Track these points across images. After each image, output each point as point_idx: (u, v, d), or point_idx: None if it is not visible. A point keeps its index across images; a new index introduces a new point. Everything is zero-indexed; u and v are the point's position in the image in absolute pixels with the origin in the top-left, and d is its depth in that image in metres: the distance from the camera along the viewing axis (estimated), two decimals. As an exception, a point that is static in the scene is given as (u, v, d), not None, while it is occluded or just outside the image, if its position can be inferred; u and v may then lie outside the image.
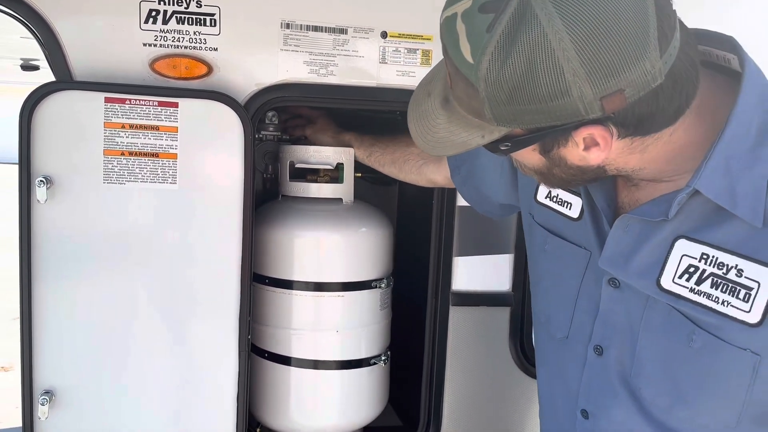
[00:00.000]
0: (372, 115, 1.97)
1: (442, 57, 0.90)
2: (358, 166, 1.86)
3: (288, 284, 1.75)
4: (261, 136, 1.99)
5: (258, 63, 1.60)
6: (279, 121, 2.00)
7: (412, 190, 2.12)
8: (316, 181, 1.84)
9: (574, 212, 1.18)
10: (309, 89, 1.64)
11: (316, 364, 1.76)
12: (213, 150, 1.56)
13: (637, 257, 1.02)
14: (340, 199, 1.82)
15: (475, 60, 0.81)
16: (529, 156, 0.98)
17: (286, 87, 1.62)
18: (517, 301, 1.82)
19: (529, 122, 0.85)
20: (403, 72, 1.68)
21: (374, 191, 2.18)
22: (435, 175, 1.63)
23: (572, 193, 1.18)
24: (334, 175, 1.84)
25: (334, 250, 1.77)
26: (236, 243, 1.59)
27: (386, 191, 2.20)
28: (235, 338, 1.61)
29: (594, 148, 0.90)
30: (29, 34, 1.54)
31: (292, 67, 1.62)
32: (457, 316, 1.81)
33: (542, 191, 1.26)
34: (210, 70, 1.57)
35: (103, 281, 1.54)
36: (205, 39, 1.56)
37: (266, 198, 1.96)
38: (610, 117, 0.85)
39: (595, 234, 1.12)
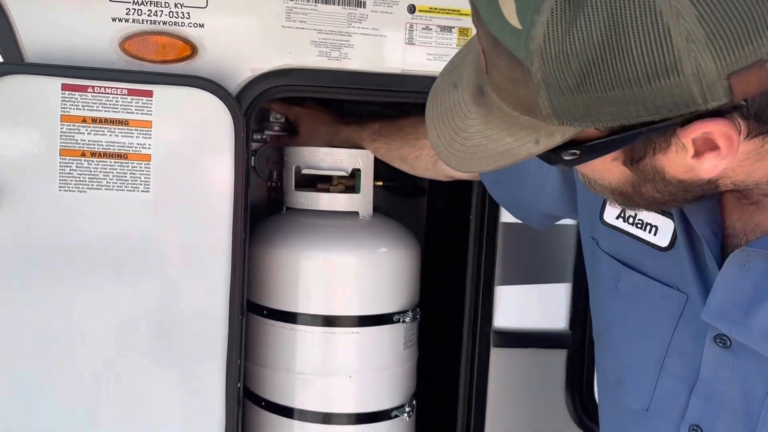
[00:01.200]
0: (392, 109, 1.64)
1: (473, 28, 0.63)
2: (379, 171, 1.54)
3: (291, 317, 1.43)
4: (264, 136, 1.69)
5: (254, 43, 1.29)
6: (287, 119, 1.69)
7: (443, 201, 1.79)
8: (327, 191, 1.52)
9: (662, 239, 0.87)
10: (317, 76, 1.32)
11: (326, 418, 1.43)
12: (196, 150, 1.25)
13: (762, 309, 0.74)
14: (356, 213, 1.50)
15: (525, 24, 0.55)
16: (607, 168, 0.68)
17: (288, 73, 1.31)
18: (576, 342, 1.46)
19: (610, 118, 0.56)
20: (434, 55, 1.36)
21: (398, 203, 1.85)
22: (456, 173, 1.31)
23: (660, 213, 0.85)
24: (350, 183, 1.52)
25: (347, 275, 1.44)
26: (224, 266, 1.27)
27: (412, 203, 1.87)
28: (221, 384, 1.29)
29: (710, 154, 0.61)
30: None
31: (296, 49, 1.30)
32: (499, 359, 1.46)
33: (612, 209, 0.93)
34: (194, 51, 1.27)
35: (56, 311, 1.23)
36: (188, 12, 1.26)
37: (271, 211, 1.65)
38: (740, 106, 0.57)
39: (695, 271, 0.82)
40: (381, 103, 1.69)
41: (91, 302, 1.24)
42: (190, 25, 1.26)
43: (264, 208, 1.75)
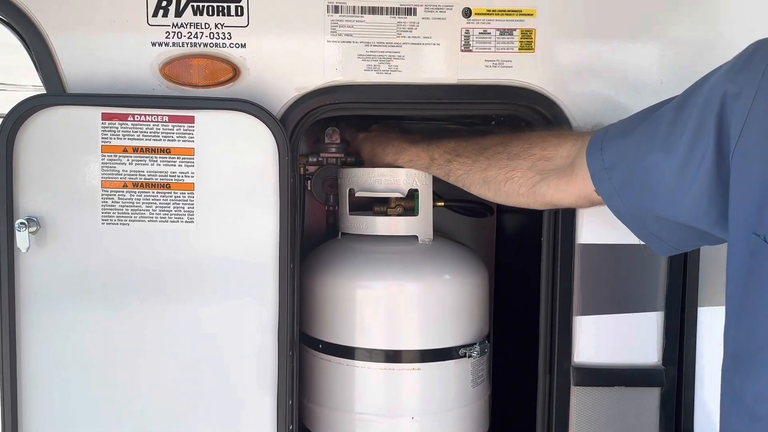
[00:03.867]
0: (450, 124, 1.52)
1: None
2: (440, 190, 1.41)
3: (347, 352, 1.32)
4: (320, 159, 1.61)
5: (298, 61, 1.21)
6: (342, 140, 1.60)
7: (515, 221, 1.63)
8: (385, 214, 1.41)
9: None
10: (367, 92, 1.22)
11: (387, 462, 1.31)
12: (240, 177, 1.18)
13: None
14: (416, 237, 1.38)
15: None
16: None
17: (335, 91, 1.22)
18: (671, 379, 1.27)
19: None
20: (494, 62, 1.23)
21: (465, 224, 1.72)
22: (560, 194, 1.11)
23: None
24: (409, 204, 1.40)
25: (406, 305, 1.32)
26: (271, 298, 1.18)
27: (479, 224, 1.73)
28: (272, 425, 1.20)
29: None
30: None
31: (343, 64, 1.21)
32: (581, 399, 1.28)
33: None
34: (236, 73, 1.20)
35: (102, 349, 1.18)
36: (229, 33, 1.20)
37: (330, 237, 1.55)
38: None
39: None
40: (459, 117, 1.57)
41: (141, 341, 1.19)
42: (231, 45, 1.20)
43: (322, 234, 1.66)
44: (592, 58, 1.24)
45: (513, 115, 1.29)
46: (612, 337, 1.27)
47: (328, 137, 1.59)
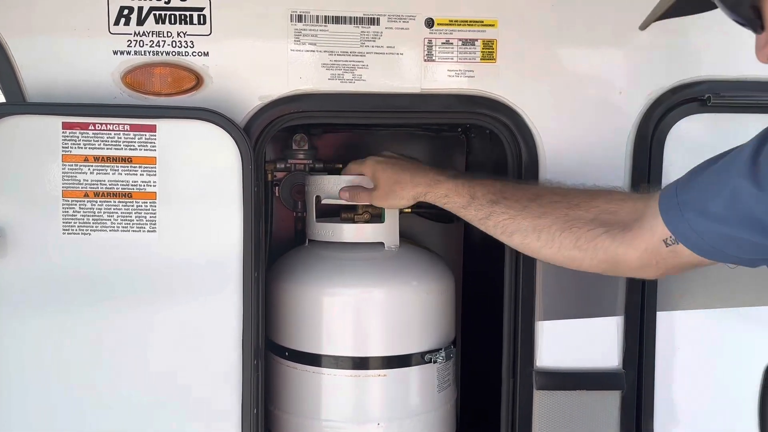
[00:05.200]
0: (414, 132, 1.54)
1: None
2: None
3: (313, 359, 1.32)
4: (288, 165, 1.61)
5: (262, 69, 1.21)
6: (310, 146, 1.60)
7: (480, 228, 1.65)
8: (352, 221, 1.42)
9: None
10: (331, 101, 1.23)
11: (353, 470, 1.31)
12: (202, 186, 1.18)
13: None
14: (383, 244, 1.39)
15: None
16: None
17: (299, 99, 1.22)
18: (631, 382, 1.29)
19: None
20: (457, 71, 1.24)
21: (432, 231, 1.73)
22: (624, 247, 1.00)
23: None
24: (377, 211, 1.41)
25: (371, 312, 1.33)
26: (236, 309, 1.18)
27: (448, 231, 1.74)
28: (238, 434, 1.20)
29: None
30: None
31: (306, 73, 1.22)
32: (544, 402, 1.31)
33: None
34: (199, 81, 1.20)
35: (61, 358, 1.18)
36: (192, 41, 1.20)
37: (299, 243, 1.56)
38: None
39: None
40: (424, 125, 1.56)
41: (102, 350, 1.18)
42: (194, 54, 1.20)
43: (291, 240, 1.66)
44: (554, 68, 1.26)
45: (477, 125, 1.31)
46: (573, 342, 1.30)
47: (295, 144, 1.59)
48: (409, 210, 1.55)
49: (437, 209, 1.66)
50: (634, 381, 1.30)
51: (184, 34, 1.19)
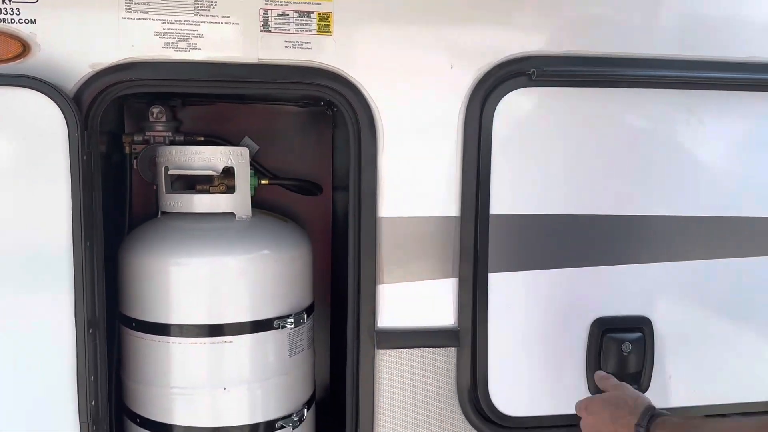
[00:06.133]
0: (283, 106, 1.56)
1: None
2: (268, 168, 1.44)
3: (159, 328, 1.34)
4: (147, 137, 1.60)
5: (92, 37, 1.20)
6: (172, 118, 1.59)
7: (342, 199, 1.70)
8: (208, 192, 1.43)
9: None
10: (165, 69, 1.23)
11: (202, 434, 1.34)
12: (27, 157, 1.16)
13: None
14: (233, 214, 1.41)
15: None
16: None
17: (132, 67, 1.22)
18: (467, 340, 1.38)
19: None
20: (294, 43, 1.27)
21: (302, 203, 1.77)
22: None
23: None
24: (232, 183, 1.43)
25: (219, 280, 1.35)
26: (67, 280, 1.18)
27: (316, 202, 1.78)
28: (73, 400, 1.20)
29: None
30: None
31: (139, 41, 1.21)
32: (386, 361, 1.37)
33: None
34: (26, 49, 1.18)
35: None
36: (18, 8, 1.17)
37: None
38: None
39: None
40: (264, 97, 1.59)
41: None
42: (21, 21, 1.17)
43: (155, 214, 1.66)
44: (389, 42, 1.30)
45: (316, 97, 1.34)
46: (412, 303, 1.36)
47: (152, 116, 1.58)
48: (267, 182, 1.58)
49: (300, 181, 1.72)
50: (468, 338, 1.38)
51: (9, 1, 1.16)
